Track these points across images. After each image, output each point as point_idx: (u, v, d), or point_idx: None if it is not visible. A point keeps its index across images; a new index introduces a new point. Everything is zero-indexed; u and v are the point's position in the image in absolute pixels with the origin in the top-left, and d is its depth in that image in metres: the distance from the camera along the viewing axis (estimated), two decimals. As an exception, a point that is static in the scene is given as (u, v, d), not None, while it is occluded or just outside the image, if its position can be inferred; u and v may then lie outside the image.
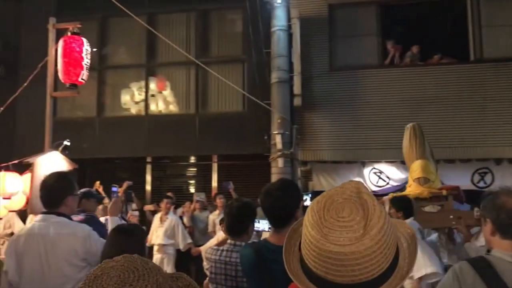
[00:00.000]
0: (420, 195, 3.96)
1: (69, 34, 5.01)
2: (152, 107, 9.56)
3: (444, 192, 4.09)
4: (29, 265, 2.59)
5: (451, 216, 3.91)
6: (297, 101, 7.85)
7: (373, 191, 8.00)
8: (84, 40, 5.05)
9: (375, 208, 0.99)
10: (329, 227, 0.96)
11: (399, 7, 8.65)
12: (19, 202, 5.08)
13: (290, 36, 7.95)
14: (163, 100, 9.55)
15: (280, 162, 7.47)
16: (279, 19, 7.89)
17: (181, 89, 9.59)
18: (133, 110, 9.65)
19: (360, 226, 0.95)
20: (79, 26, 5.05)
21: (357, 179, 8.00)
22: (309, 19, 8.29)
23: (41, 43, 5.52)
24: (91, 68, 5.36)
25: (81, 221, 3.64)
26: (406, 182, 7.85)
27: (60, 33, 5.38)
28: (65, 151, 5.04)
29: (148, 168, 9.85)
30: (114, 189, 3.65)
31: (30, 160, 4.40)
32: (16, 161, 4.81)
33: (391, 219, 1.03)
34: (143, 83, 9.53)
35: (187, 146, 9.06)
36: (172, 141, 9.00)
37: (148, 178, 9.77)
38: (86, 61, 5.02)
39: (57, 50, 5.04)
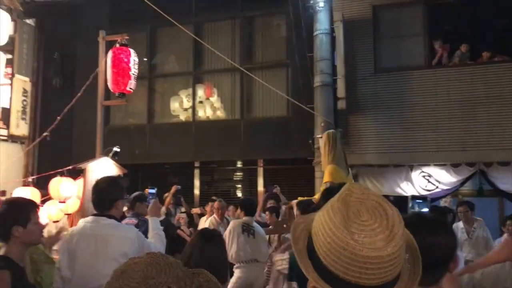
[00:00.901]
0: None
1: (117, 45, 5.26)
2: (200, 113, 9.79)
3: None
4: (80, 263, 2.72)
5: None
6: (341, 104, 7.78)
7: (422, 195, 7.76)
8: (132, 50, 5.28)
9: (392, 208, 1.00)
10: (358, 232, 0.95)
11: (446, 5, 8.35)
12: (73, 206, 5.35)
13: (333, 39, 7.88)
14: (210, 106, 9.77)
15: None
16: (321, 23, 7.85)
17: (227, 95, 9.78)
18: (182, 117, 9.92)
19: (383, 227, 0.96)
20: (127, 37, 5.28)
21: (404, 183, 7.81)
22: (353, 21, 8.22)
23: (95, 55, 5.81)
24: (141, 77, 5.60)
25: (135, 225, 3.81)
26: (457, 186, 7.66)
27: (111, 45, 5.68)
28: (115, 157, 5.28)
29: (196, 172, 10.05)
30: (151, 190, 3.74)
31: (82, 166, 4.63)
32: (70, 167, 5.09)
33: None
34: (191, 90, 9.78)
35: (233, 151, 9.21)
36: (219, 146, 9.18)
37: (197, 182, 9.96)
38: (134, 71, 5.25)
39: (107, 61, 5.30)
